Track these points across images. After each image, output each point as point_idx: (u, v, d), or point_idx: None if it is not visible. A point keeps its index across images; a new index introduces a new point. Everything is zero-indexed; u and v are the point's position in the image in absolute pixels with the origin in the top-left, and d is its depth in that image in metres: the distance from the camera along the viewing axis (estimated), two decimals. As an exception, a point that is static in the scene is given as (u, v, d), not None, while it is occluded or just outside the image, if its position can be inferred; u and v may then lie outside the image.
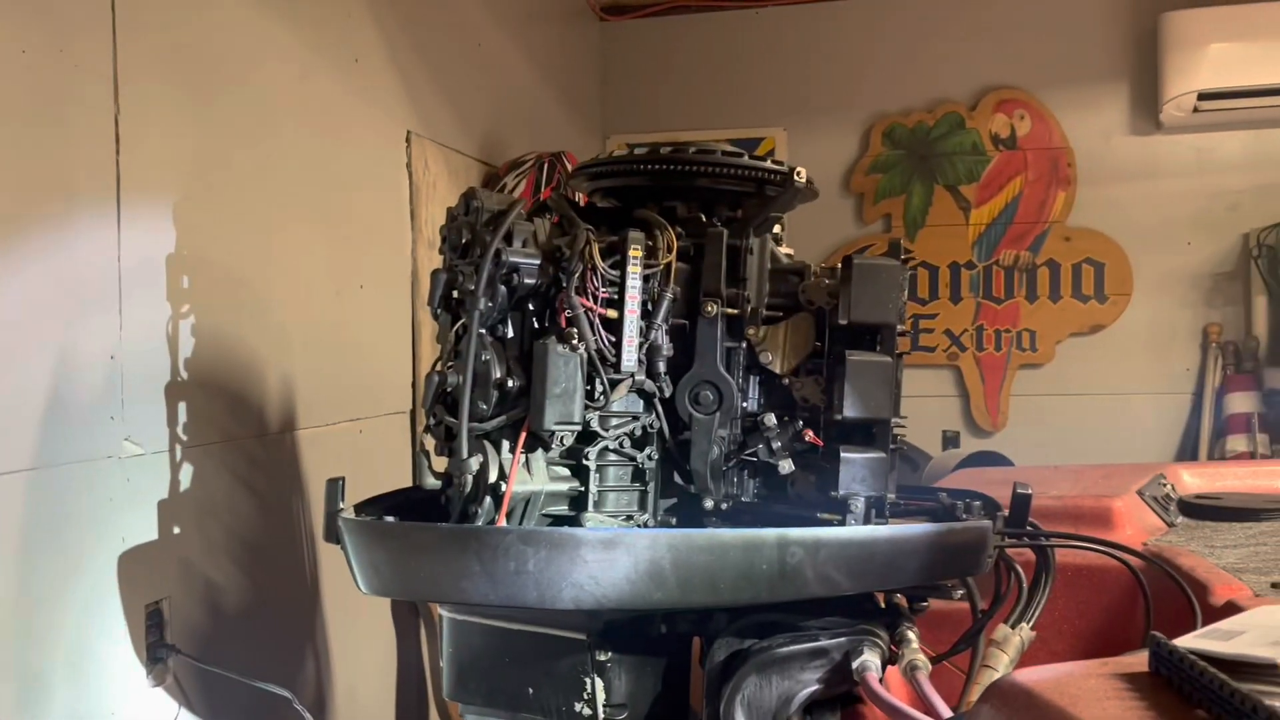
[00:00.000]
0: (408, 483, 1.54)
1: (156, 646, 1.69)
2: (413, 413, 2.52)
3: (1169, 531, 1.95)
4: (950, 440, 4.22)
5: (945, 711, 1.12)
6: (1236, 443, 3.79)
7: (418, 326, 2.57)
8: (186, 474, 1.73)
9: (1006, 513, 1.49)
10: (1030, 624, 1.53)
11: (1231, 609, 1.38)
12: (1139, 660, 0.95)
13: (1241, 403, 3.82)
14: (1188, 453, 3.97)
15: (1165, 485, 2.19)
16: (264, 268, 1.99)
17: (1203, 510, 2.06)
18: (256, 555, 1.91)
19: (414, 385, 2.54)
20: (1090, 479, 2.20)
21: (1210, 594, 1.49)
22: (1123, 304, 4.09)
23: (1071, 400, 4.13)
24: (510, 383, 1.34)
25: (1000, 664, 1.49)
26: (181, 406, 1.72)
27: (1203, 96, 3.76)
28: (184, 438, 1.73)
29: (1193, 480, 2.34)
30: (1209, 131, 4.00)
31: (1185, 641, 0.90)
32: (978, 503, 1.52)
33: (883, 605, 1.48)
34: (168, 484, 1.70)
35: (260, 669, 1.81)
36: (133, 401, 1.65)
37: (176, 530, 1.72)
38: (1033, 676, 0.94)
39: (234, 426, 1.87)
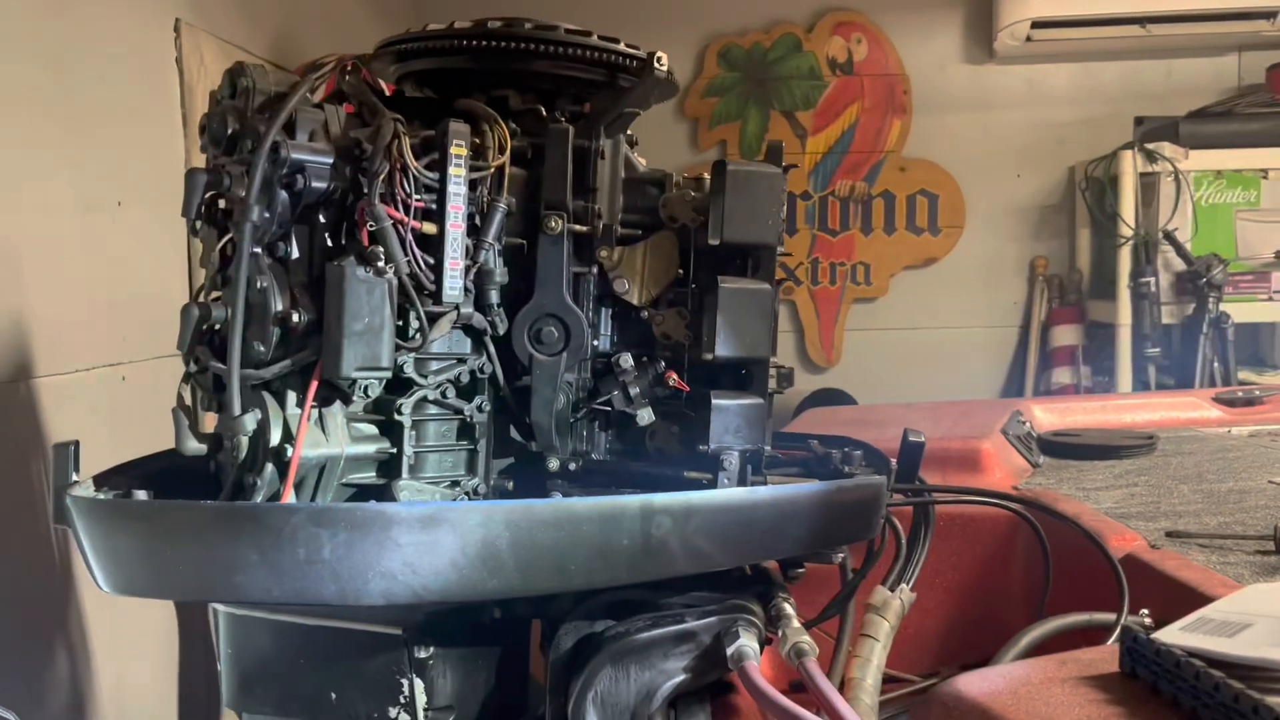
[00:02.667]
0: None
1: None
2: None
3: (1035, 472, 1.84)
4: (785, 377, 4.10)
5: (850, 715, 0.91)
6: (1061, 375, 3.84)
7: (195, 252, 2.18)
8: None
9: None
10: (910, 584, 1.37)
11: (1132, 562, 1.25)
12: (1103, 657, 0.77)
13: (1066, 335, 3.86)
14: (1015, 386, 4.01)
15: (1025, 424, 2.10)
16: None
17: (1064, 449, 1.98)
18: (-21, 536, 1.53)
19: (193, 323, 2.16)
20: (949, 418, 2.08)
21: (1104, 546, 1.36)
22: (955, 236, 4.06)
23: (904, 334, 4.10)
24: (296, 317, 1.04)
25: (881, 632, 1.32)
26: None
27: (1036, 25, 3.71)
28: None
29: (1046, 416, 2.27)
30: (1040, 63, 3.99)
31: (1171, 637, 0.71)
32: (858, 452, 1.33)
33: (748, 572, 1.27)
34: None
35: (-12, 678, 1.45)
36: None
37: None
38: (979, 686, 0.74)
39: (-60, 375, 1.48)
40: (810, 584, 1.44)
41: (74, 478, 1.12)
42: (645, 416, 1.17)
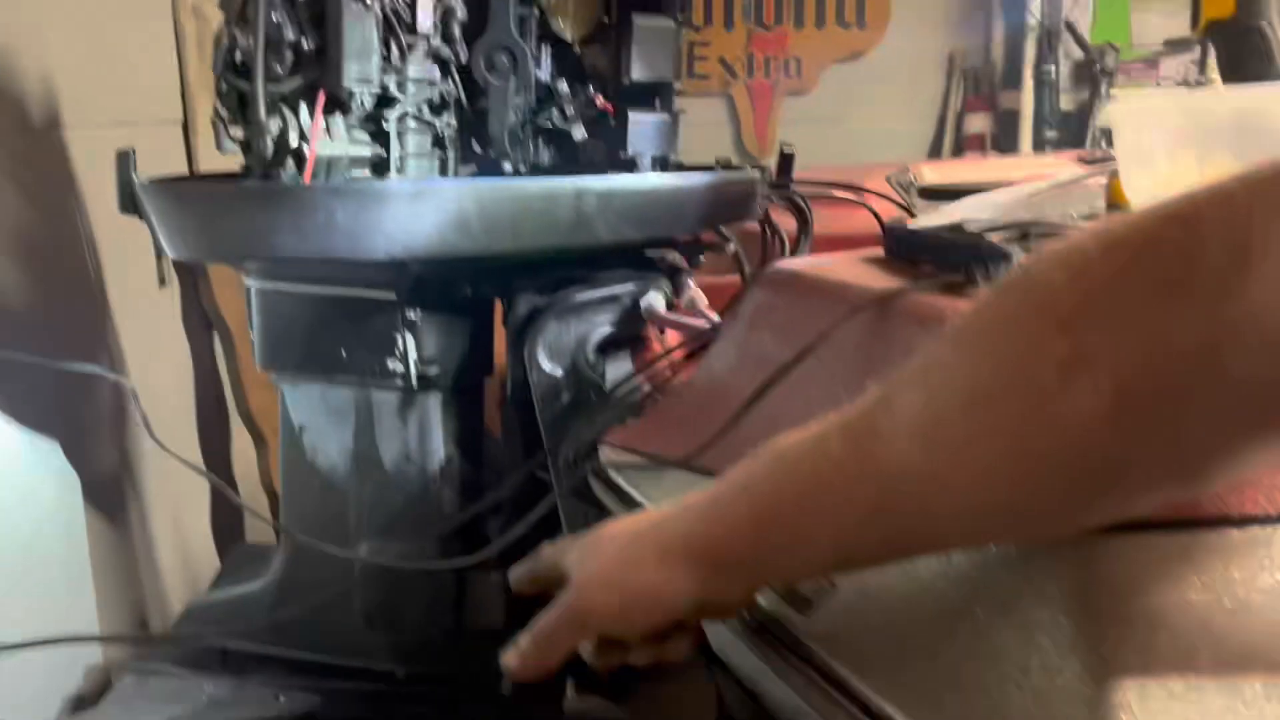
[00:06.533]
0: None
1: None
2: (184, 124, 2.41)
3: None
4: (724, 166, 4.41)
5: (715, 316, 1.30)
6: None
7: (181, 34, 2.41)
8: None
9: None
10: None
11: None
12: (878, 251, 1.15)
13: (978, 123, 4.20)
14: (930, 172, 4.36)
15: (909, 175, 2.45)
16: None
17: (939, 194, 2.33)
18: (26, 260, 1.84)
19: (183, 94, 2.42)
20: (847, 173, 2.43)
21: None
22: (881, 30, 4.31)
23: (831, 127, 4.39)
24: (305, 44, 1.34)
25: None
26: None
27: None
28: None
29: (933, 175, 2.62)
30: None
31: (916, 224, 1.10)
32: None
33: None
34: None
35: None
36: None
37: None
38: (790, 262, 1.12)
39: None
40: (723, 297, 1.83)
41: (134, 176, 1.44)
42: (579, 132, 1.51)
